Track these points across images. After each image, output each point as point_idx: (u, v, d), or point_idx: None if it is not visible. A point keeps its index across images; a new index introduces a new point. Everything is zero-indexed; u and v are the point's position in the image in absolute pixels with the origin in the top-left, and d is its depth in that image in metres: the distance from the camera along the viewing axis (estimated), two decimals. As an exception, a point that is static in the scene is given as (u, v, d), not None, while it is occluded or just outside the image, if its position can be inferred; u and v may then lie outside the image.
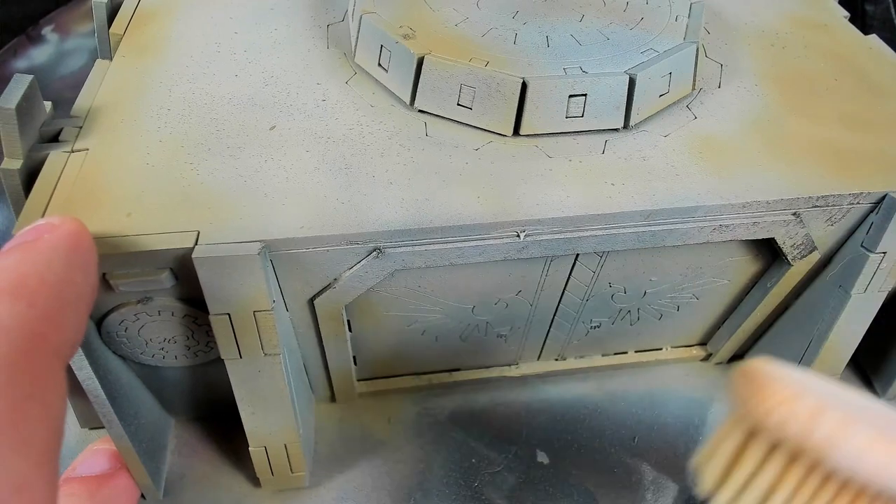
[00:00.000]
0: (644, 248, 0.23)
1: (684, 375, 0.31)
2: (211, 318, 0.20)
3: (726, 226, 0.22)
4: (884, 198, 0.23)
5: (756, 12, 0.31)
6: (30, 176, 0.21)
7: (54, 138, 0.23)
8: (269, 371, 0.22)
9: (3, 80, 0.22)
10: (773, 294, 0.26)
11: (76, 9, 0.28)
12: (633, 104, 0.23)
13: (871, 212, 0.24)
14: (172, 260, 0.19)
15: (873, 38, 0.30)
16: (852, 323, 0.26)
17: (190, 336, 0.22)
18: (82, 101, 0.24)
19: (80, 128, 0.23)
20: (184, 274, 0.20)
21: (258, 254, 0.19)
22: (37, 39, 0.43)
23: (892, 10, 0.39)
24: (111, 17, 0.28)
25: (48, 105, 0.23)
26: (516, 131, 0.23)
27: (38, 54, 0.43)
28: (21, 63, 0.42)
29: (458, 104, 0.23)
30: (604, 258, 0.24)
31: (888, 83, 0.27)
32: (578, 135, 0.24)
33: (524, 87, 0.22)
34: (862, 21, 0.41)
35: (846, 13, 0.32)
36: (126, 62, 0.26)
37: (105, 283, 0.20)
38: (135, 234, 0.19)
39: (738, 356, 0.31)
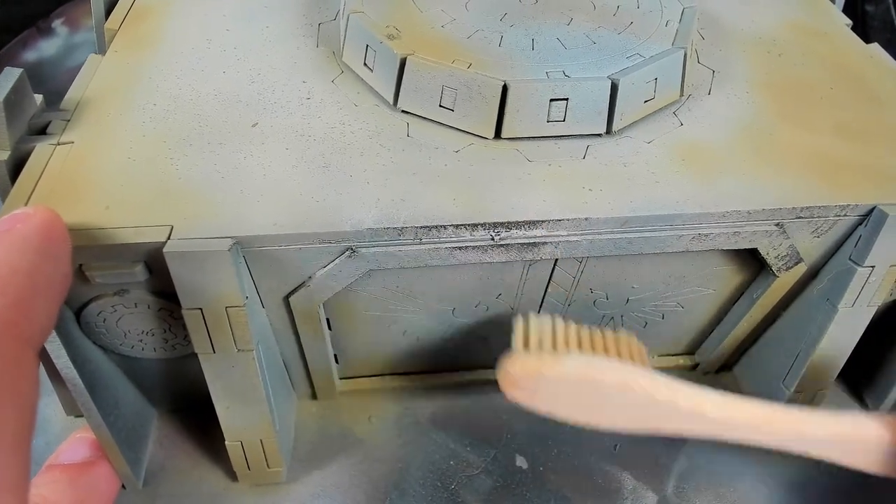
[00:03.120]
0: (623, 254, 0.23)
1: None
2: (183, 312, 0.20)
3: (705, 235, 0.22)
4: (872, 210, 0.23)
5: (755, 18, 0.31)
6: (16, 167, 0.22)
7: (42, 131, 0.23)
8: (243, 367, 0.22)
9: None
10: (760, 305, 0.26)
11: (87, 3, 0.29)
12: (616, 109, 0.23)
13: (860, 224, 0.23)
14: (146, 253, 0.20)
15: (874, 46, 0.30)
16: (840, 337, 0.25)
17: (167, 329, 0.23)
18: (72, 95, 0.24)
19: (68, 121, 0.23)
20: (157, 268, 0.20)
21: (229, 250, 0.19)
22: (46, 32, 0.44)
23: (893, 10, 0.38)
24: (109, 12, 0.29)
25: (39, 98, 0.24)
26: (498, 134, 0.23)
27: (48, 46, 0.44)
28: (30, 55, 0.43)
29: (441, 105, 0.23)
30: (583, 264, 0.24)
31: (887, 93, 0.27)
32: (560, 139, 0.23)
33: (505, 89, 0.22)
34: (862, 21, 0.40)
35: (848, 21, 0.31)
36: (118, 57, 0.26)
37: (81, 274, 0.20)
38: (110, 226, 0.20)
39: (726, 367, 0.31)
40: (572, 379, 0.19)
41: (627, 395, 0.19)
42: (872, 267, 0.23)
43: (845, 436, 0.19)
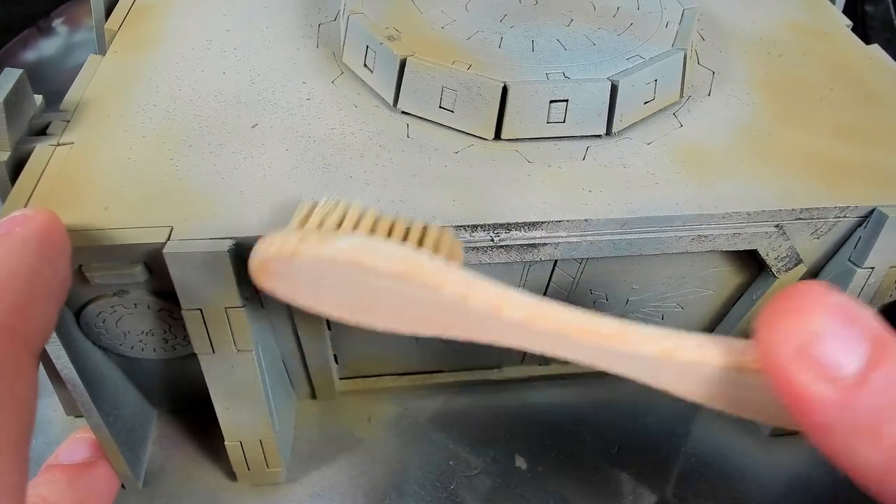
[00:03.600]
0: (622, 256, 0.23)
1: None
2: (183, 312, 0.20)
3: (705, 236, 0.22)
4: (872, 212, 0.23)
5: (755, 19, 0.31)
6: (16, 168, 0.22)
7: (42, 131, 0.23)
8: (243, 367, 0.22)
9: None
10: (759, 306, 0.26)
11: (87, 2, 0.29)
12: (616, 111, 0.23)
13: (859, 226, 0.23)
14: (146, 254, 0.20)
15: (874, 48, 0.30)
16: (839, 338, 0.25)
17: (167, 329, 0.23)
18: (72, 96, 0.24)
19: (68, 122, 0.23)
20: (157, 269, 0.20)
21: (228, 251, 0.19)
22: (47, 31, 0.44)
23: (892, 10, 0.38)
24: (109, 12, 0.29)
25: (39, 98, 0.24)
26: (498, 135, 0.23)
27: (48, 46, 0.44)
28: (30, 54, 0.43)
29: (441, 107, 0.23)
30: (583, 264, 0.24)
31: (887, 94, 0.27)
32: (560, 140, 0.23)
33: (505, 91, 0.22)
34: (862, 22, 0.40)
35: (848, 21, 0.31)
36: (118, 57, 0.26)
37: (81, 275, 0.20)
38: (110, 227, 0.20)
39: (726, 368, 0.31)
40: (338, 263, 0.15)
41: (406, 288, 0.15)
42: (872, 268, 0.23)
43: (684, 359, 0.15)
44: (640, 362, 0.15)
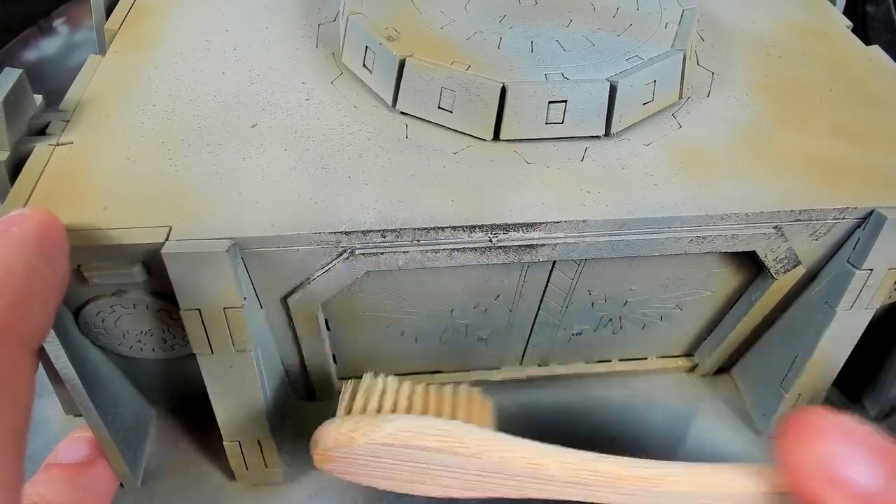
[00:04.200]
0: (621, 257, 0.23)
1: (668, 386, 0.30)
2: (181, 312, 0.20)
3: (703, 237, 0.22)
4: (871, 213, 0.23)
5: (755, 20, 0.31)
6: (16, 167, 0.22)
7: (42, 131, 0.23)
8: (241, 367, 0.22)
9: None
10: (758, 308, 0.26)
11: (88, 2, 0.29)
12: (615, 112, 0.23)
13: (858, 227, 0.23)
14: (144, 254, 0.20)
15: (875, 49, 0.30)
16: (838, 340, 0.25)
17: (165, 329, 0.23)
18: (72, 95, 0.24)
19: (68, 122, 0.23)
20: (156, 268, 0.20)
21: (227, 251, 0.19)
22: (48, 31, 0.44)
23: (893, 11, 0.38)
24: (109, 12, 0.29)
25: (38, 98, 0.24)
26: (496, 136, 0.23)
27: (48, 45, 0.44)
28: (31, 54, 0.43)
29: (439, 107, 0.23)
30: (582, 266, 0.24)
31: (886, 95, 0.27)
32: (559, 141, 0.23)
33: (503, 91, 0.22)
34: (863, 22, 0.40)
35: (848, 22, 0.31)
36: (117, 57, 0.26)
37: (80, 274, 0.20)
38: (109, 227, 0.20)
39: (724, 369, 0.31)
40: (391, 445, 0.17)
41: (450, 458, 0.17)
42: (871, 270, 0.23)
43: (712, 488, 0.17)
44: (680, 498, 0.17)
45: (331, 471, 0.18)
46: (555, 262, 0.23)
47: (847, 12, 0.33)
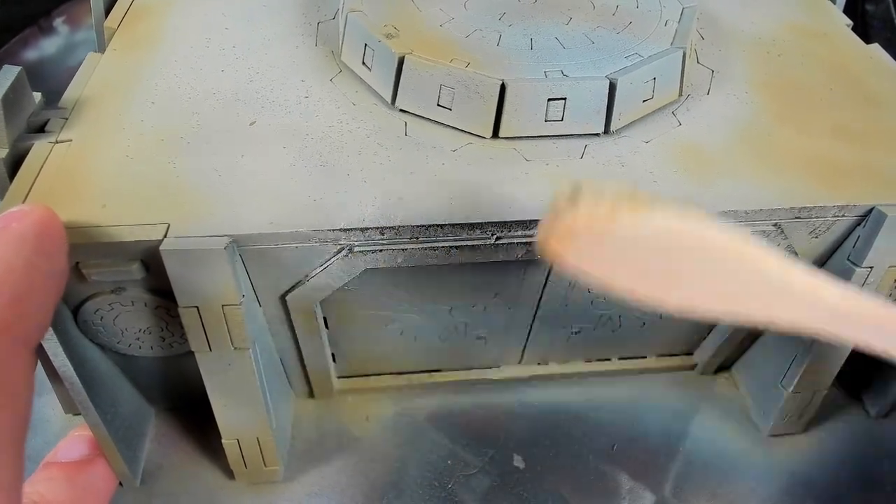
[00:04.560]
0: (620, 254, 0.22)
1: (668, 385, 0.30)
2: (180, 310, 0.20)
3: (703, 235, 0.22)
4: (871, 211, 0.22)
5: (755, 19, 0.31)
6: (15, 165, 0.22)
7: (41, 129, 0.23)
8: (239, 365, 0.22)
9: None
10: (758, 306, 0.26)
11: (88, 1, 0.29)
12: (614, 109, 0.23)
13: (858, 225, 0.23)
14: (142, 252, 0.20)
15: (875, 47, 0.29)
16: (838, 338, 0.25)
17: (164, 327, 0.23)
18: (71, 93, 0.24)
19: (66, 119, 0.23)
20: (154, 266, 0.20)
21: (225, 248, 0.19)
22: (48, 30, 0.44)
23: (893, 9, 0.38)
24: (109, 10, 0.29)
25: (38, 96, 0.24)
26: (496, 133, 0.23)
27: (49, 45, 0.44)
28: (31, 53, 0.43)
29: (438, 105, 0.23)
30: (581, 264, 0.24)
31: (886, 94, 0.27)
32: (558, 139, 0.23)
33: (503, 89, 0.22)
34: (863, 21, 0.40)
35: (848, 21, 0.31)
36: (117, 55, 0.26)
37: (78, 272, 0.20)
38: (107, 224, 0.20)
39: (725, 367, 0.31)
40: (653, 238, 0.14)
41: (721, 263, 0.15)
42: (871, 268, 0.23)
43: None
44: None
45: (565, 259, 0.15)
46: (554, 259, 0.23)
47: (847, 11, 0.33)
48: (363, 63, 0.25)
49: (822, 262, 0.24)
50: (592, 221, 0.14)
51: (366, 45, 0.24)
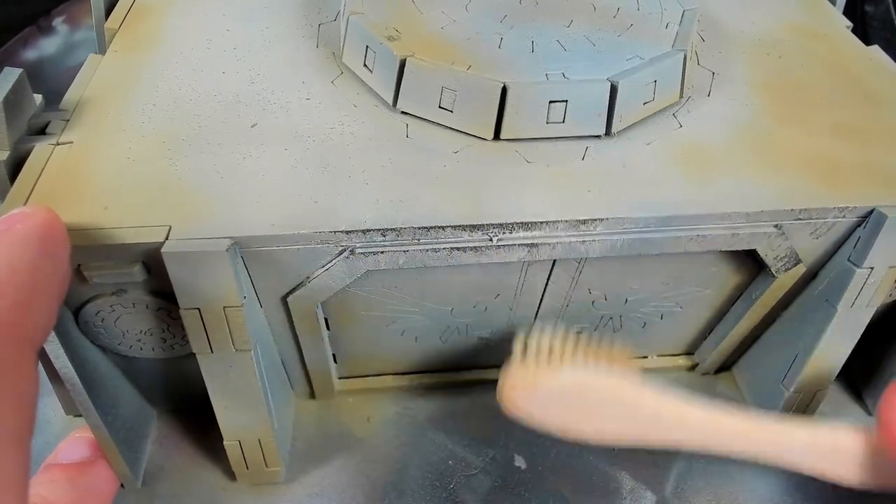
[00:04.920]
0: (621, 256, 0.23)
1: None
2: (181, 312, 0.20)
3: (704, 236, 0.22)
4: (871, 212, 0.23)
5: (755, 20, 0.31)
6: (16, 167, 0.22)
7: (42, 131, 0.23)
8: (241, 366, 0.22)
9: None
10: (759, 306, 0.26)
11: (88, 1, 0.29)
12: (616, 111, 0.23)
13: (859, 226, 0.23)
14: (144, 254, 0.20)
15: (874, 48, 0.30)
16: (839, 338, 0.25)
17: (165, 329, 0.23)
18: (71, 95, 0.24)
19: (67, 121, 0.23)
20: (156, 268, 0.20)
21: (227, 250, 0.19)
22: (47, 30, 0.44)
23: (892, 10, 0.38)
24: (109, 11, 0.29)
25: (38, 98, 0.24)
26: (497, 135, 0.23)
27: (48, 45, 0.44)
28: (30, 53, 0.43)
29: (440, 107, 0.23)
30: (582, 264, 0.24)
31: (886, 95, 0.27)
32: (559, 140, 0.23)
33: (504, 91, 0.22)
34: (862, 22, 0.40)
35: (848, 23, 0.31)
36: (118, 57, 0.26)
37: (80, 274, 0.20)
38: (109, 226, 0.20)
39: (725, 367, 0.31)
40: (566, 390, 0.20)
41: (616, 405, 0.20)
42: (871, 268, 0.23)
43: (825, 446, 0.19)
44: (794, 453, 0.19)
45: (511, 409, 0.20)
46: (555, 260, 0.23)
47: (846, 12, 0.33)
48: (364, 65, 0.25)
49: (822, 262, 0.25)
50: (524, 378, 0.20)
51: (367, 47, 0.24)
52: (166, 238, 0.19)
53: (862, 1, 0.39)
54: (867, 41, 0.30)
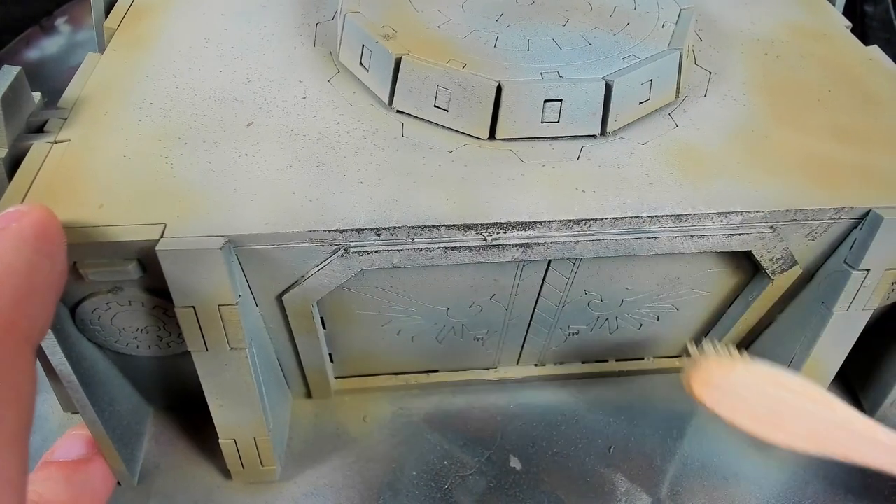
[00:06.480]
0: (616, 256, 0.22)
1: (665, 386, 0.30)
2: (176, 310, 0.20)
3: (699, 237, 0.22)
4: (867, 213, 0.22)
5: (754, 20, 0.30)
6: (14, 165, 0.22)
7: (40, 129, 0.23)
8: (236, 365, 0.22)
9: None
10: (755, 308, 0.26)
11: (89, 1, 0.29)
12: (611, 111, 0.23)
13: (855, 227, 0.23)
14: (139, 251, 0.20)
15: (874, 49, 0.29)
16: (835, 340, 0.25)
17: (161, 327, 0.23)
18: (70, 94, 0.25)
19: (65, 119, 0.23)
20: (151, 266, 0.20)
21: (221, 248, 0.19)
22: (50, 30, 0.44)
23: (892, 10, 0.38)
24: (109, 11, 0.29)
25: (37, 96, 0.24)
26: (492, 135, 0.23)
27: (50, 45, 0.44)
28: (33, 53, 0.43)
29: (435, 106, 0.23)
30: (577, 265, 0.24)
31: (885, 96, 0.27)
32: (554, 140, 0.23)
33: (499, 90, 0.22)
34: (861, 22, 0.40)
35: (847, 22, 0.31)
36: (116, 56, 0.26)
37: (76, 271, 0.20)
38: (104, 224, 0.20)
39: (722, 369, 0.30)
40: (762, 382, 0.19)
41: (807, 407, 0.19)
42: (868, 270, 0.23)
43: None
44: None
45: (702, 398, 0.20)
46: (550, 261, 0.23)
47: (846, 12, 0.32)
48: (361, 64, 0.25)
49: (819, 264, 0.24)
50: (718, 371, 0.20)
51: (363, 46, 0.24)
52: (161, 236, 0.19)
53: (861, 1, 0.39)
54: (866, 41, 0.30)
